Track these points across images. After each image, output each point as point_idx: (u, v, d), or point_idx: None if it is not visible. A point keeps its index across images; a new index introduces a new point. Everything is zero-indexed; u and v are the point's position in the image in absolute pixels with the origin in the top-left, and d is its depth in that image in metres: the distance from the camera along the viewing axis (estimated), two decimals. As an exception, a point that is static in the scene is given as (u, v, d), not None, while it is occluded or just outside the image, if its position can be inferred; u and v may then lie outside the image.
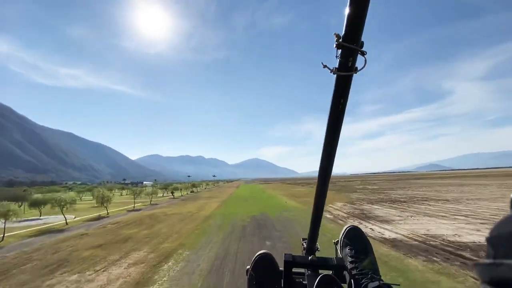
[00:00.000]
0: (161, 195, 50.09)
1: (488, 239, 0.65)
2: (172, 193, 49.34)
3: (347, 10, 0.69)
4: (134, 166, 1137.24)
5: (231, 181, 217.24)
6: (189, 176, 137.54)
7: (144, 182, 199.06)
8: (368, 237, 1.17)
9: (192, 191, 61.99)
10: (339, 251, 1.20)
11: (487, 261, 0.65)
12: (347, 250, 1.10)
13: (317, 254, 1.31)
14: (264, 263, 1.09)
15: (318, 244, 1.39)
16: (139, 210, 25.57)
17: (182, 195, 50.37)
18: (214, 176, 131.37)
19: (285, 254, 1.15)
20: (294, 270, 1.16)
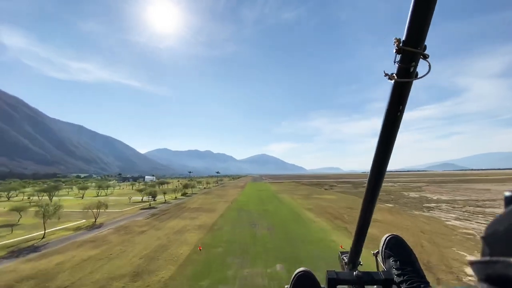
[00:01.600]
0: (137, 199, 36.75)
1: (484, 238, 0.64)
2: (153, 196, 35.78)
3: (410, 12, 0.65)
4: (143, 160, 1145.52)
5: (238, 177, 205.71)
6: (190, 172, 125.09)
7: (146, 177, 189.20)
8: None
9: (184, 194, 48.46)
10: (380, 263, 1.12)
11: (483, 259, 0.65)
12: (391, 261, 1.02)
13: (360, 268, 1.22)
14: (304, 282, 1.03)
15: (360, 259, 1.31)
16: None
17: (165, 201, 36.74)
18: (217, 172, 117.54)
19: (327, 271, 1.07)
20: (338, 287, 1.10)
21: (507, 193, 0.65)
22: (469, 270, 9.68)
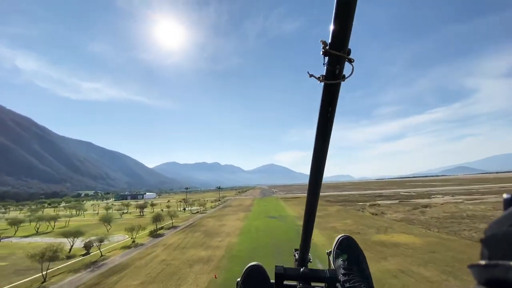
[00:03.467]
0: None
1: (483, 240, 0.64)
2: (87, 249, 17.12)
3: (332, 17, 0.68)
4: (151, 174, 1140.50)
5: (245, 191, 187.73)
6: (186, 189, 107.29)
7: (147, 194, 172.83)
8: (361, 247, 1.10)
9: (155, 232, 31.13)
10: (332, 262, 1.14)
11: (482, 262, 0.64)
12: (339, 261, 1.04)
13: (309, 265, 1.25)
14: (255, 276, 1.03)
15: (310, 255, 1.32)
16: None
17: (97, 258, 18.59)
18: (219, 187, 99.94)
19: (276, 266, 1.08)
20: (286, 282, 1.10)
21: (506, 196, 0.65)
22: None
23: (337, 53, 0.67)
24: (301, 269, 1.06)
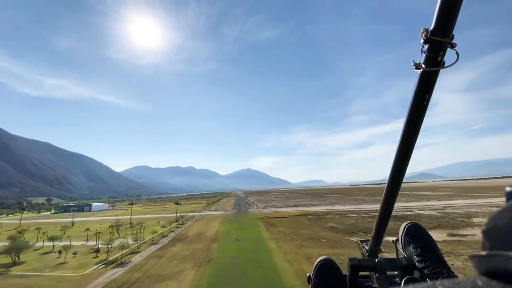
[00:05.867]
0: None
1: (484, 232, 0.66)
2: None
3: (438, 1, 0.66)
4: (118, 179, 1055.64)
5: (218, 200, 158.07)
6: (131, 204, 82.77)
7: (95, 205, 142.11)
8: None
9: None
10: (400, 250, 1.14)
11: (483, 252, 0.66)
12: (411, 248, 1.03)
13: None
14: (327, 269, 1.04)
15: (381, 247, 1.32)
16: None
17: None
18: (177, 204, 76.37)
19: (350, 258, 1.09)
20: (360, 274, 1.12)
21: (509, 188, 0.67)
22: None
23: (442, 39, 0.66)
24: (376, 259, 1.06)
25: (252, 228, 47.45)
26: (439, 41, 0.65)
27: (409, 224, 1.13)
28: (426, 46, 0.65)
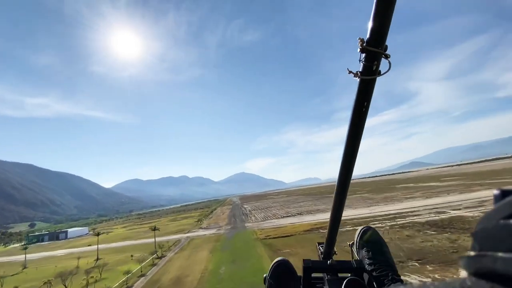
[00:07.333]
0: None
1: (473, 234, 0.67)
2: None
3: (372, 14, 0.70)
4: (107, 195, 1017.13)
5: (211, 211, 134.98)
6: (98, 235, 68.47)
7: (72, 230, 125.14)
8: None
9: None
10: (355, 253, 1.17)
11: (472, 253, 0.68)
12: (363, 252, 1.06)
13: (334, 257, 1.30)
14: (282, 270, 1.06)
15: (335, 249, 1.37)
16: None
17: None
18: (154, 229, 61.07)
19: (304, 260, 1.10)
20: (313, 275, 1.14)
21: (496, 191, 0.70)
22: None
23: (375, 49, 0.70)
24: (329, 261, 1.08)
25: (252, 259, 35.12)
26: (373, 51, 0.70)
27: (364, 228, 1.16)
28: (363, 55, 0.70)
